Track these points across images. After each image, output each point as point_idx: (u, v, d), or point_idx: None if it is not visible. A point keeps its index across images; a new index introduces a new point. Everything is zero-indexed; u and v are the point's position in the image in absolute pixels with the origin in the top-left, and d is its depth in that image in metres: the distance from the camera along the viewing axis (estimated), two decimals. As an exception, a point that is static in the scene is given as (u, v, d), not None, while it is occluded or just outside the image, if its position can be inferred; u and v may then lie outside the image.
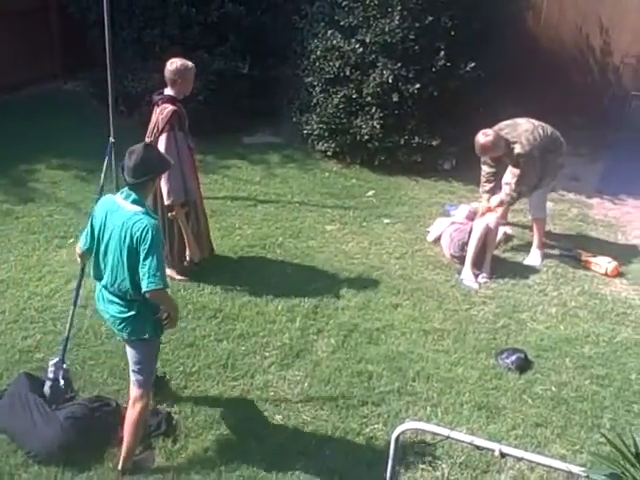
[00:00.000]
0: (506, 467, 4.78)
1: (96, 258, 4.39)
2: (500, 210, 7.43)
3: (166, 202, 5.92)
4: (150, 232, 4.13)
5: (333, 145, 8.59)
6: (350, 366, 5.58)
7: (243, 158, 8.53)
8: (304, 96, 8.76)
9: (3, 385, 5.18)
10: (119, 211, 4.25)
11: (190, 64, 5.97)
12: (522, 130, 6.67)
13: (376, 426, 5.07)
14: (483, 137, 6.66)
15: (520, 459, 4.09)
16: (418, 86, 8.09)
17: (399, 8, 7.92)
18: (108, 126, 7.48)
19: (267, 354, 5.67)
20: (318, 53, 8.47)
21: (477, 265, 6.78)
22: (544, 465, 3.70)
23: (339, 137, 8.56)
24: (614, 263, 6.88)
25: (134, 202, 4.24)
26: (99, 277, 4.42)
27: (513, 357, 5.68)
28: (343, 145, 8.57)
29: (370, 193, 8.07)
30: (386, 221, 7.58)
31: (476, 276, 6.71)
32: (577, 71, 9.71)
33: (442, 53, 8.03)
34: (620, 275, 6.86)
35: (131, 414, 4.51)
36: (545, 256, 7.06)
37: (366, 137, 8.29)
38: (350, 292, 6.41)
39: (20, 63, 9.54)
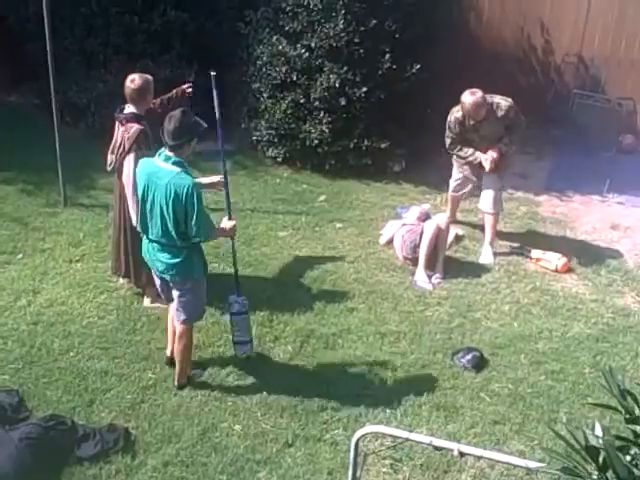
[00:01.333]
0: (467, 466, 4.84)
1: (143, 215, 4.98)
2: (449, 211, 7.52)
3: (134, 223, 5.72)
4: (193, 189, 4.73)
5: (283, 151, 8.57)
6: (308, 372, 5.59)
7: (194, 166, 8.32)
8: (252, 102, 8.73)
9: (-47, 407, 5.05)
10: (161, 172, 4.81)
11: (149, 78, 5.83)
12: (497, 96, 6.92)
13: (336, 431, 5.09)
14: (474, 94, 6.79)
15: (479, 457, 4.15)
16: (365, 89, 8.12)
17: (343, 12, 7.95)
18: (53, 138, 7.40)
19: (224, 363, 5.63)
20: (264, 59, 8.45)
21: (430, 266, 6.84)
22: (503, 462, 3.76)
23: (289, 143, 8.55)
24: (564, 259, 7.00)
25: (174, 163, 4.81)
26: (146, 231, 5.02)
27: (469, 356, 5.75)
28: (293, 151, 8.57)
29: (322, 198, 8.07)
30: (338, 225, 7.59)
31: (429, 277, 6.77)
32: (520, 70, 9.84)
33: (387, 56, 8.08)
34: (570, 271, 6.98)
35: (178, 347, 5.28)
36: (496, 255, 7.14)
37: (315, 142, 8.30)
38: (305, 298, 6.41)
39: (-41, 76, 9.32)
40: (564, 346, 6.00)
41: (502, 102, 6.90)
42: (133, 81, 5.73)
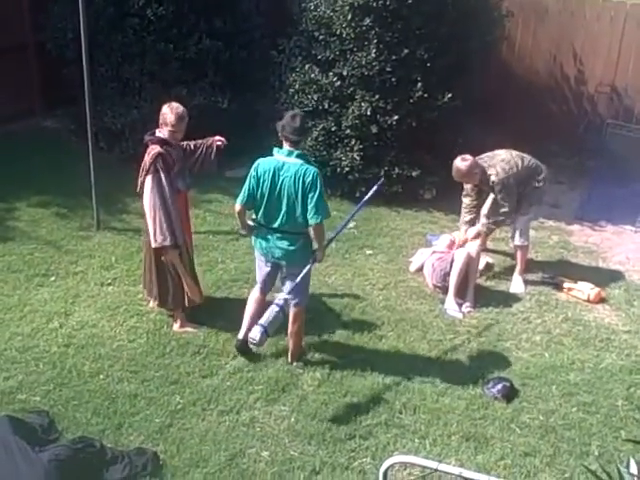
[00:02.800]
0: (496, 498, 4.75)
1: (267, 207, 5.50)
2: (480, 239, 7.47)
3: (152, 245, 5.86)
4: (317, 177, 5.39)
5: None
6: (336, 399, 5.56)
7: (225, 192, 8.51)
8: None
9: (-16, 428, 5.10)
10: (286, 165, 5.40)
11: (184, 110, 5.89)
12: (499, 160, 6.78)
13: (364, 460, 5.04)
14: (460, 162, 6.78)
15: (510, 490, 4.09)
16: (396, 118, 8.16)
17: (375, 41, 8.01)
18: (88, 162, 7.51)
19: (253, 389, 5.63)
20: (296, 87, 8.54)
21: (460, 294, 6.80)
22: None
23: (319, 170, 8.55)
24: (596, 289, 6.92)
25: (298, 156, 5.44)
26: (270, 221, 5.52)
27: (499, 386, 5.68)
28: (324, 178, 8.54)
29: (352, 225, 8.07)
30: (368, 252, 7.59)
31: (460, 305, 6.73)
32: (553, 100, 9.82)
33: (419, 85, 8.11)
34: (602, 301, 6.91)
35: (293, 328, 5.81)
36: (528, 284, 7.10)
37: (346, 169, 8.33)
38: (334, 324, 6.40)
39: (-2, 101, 9.53)
40: (596, 378, 5.91)
41: (492, 177, 6.77)
42: (172, 110, 5.82)
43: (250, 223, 5.74)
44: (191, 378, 5.70)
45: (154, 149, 5.80)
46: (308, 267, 5.67)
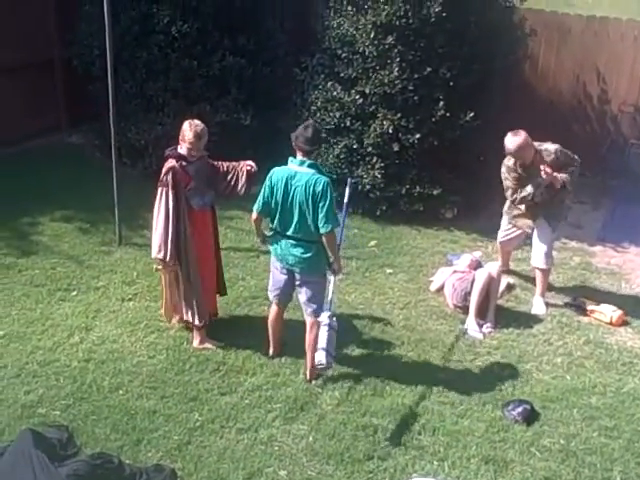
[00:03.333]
0: (515, 523, 4.71)
1: (281, 215, 5.60)
2: (500, 260, 7.46)
3: (152, 255, 5.94)
4: (328, 187, 5.46)
5: (335, 195, 8.58)
6: (355, 419, 5.53)
7: (245, 209, 8.45)
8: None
9: (5, 441, 5.12)
10: (298, 174, 5.50)
11: (203, 133, 5.92)
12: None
13: (382, 481, 5.01)
14: (513, 135, 6.70)
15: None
16: (418, 136, 8.16)
17: (398, 60, 8.03)
18: (111, 178, 7.57)
19: (271, 407, 5.62)
20: (319, 104, 8.57)
21: (481, 315, 6.76)
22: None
23: (341, 187, 8.57)
24: (619, 312, 6.86)
25: (309, 166, 5.52)
26: (285, 229, 5.61)
27: (520, 409, 5.63)
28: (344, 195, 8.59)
29: (372, 243, 8.08)
30: (389, 271, 7.58)
31: (480, 326, 6.69)
32: (575, 119, 9.78)
33: (441, 103, 8.11)
34: (625, 324, 6.84)
35: (310, 337, 5.79)
36: (549, 305, 7.04)
37: (368, 187, 8.34)
38: (354, 343, 6.38)
39: (25, 116, 9.62)
40: (618, 402, 5.84)
41: (549, 146, 6.81)
42: (191, 126, 5.86)
43: (266, 233, 5.84)
44: (210, 395, 5.70)
45: (169, 163, 5.85)
46: (331, 279, 5.87)
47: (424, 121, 8.18)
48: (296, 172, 5.53)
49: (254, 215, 5.78)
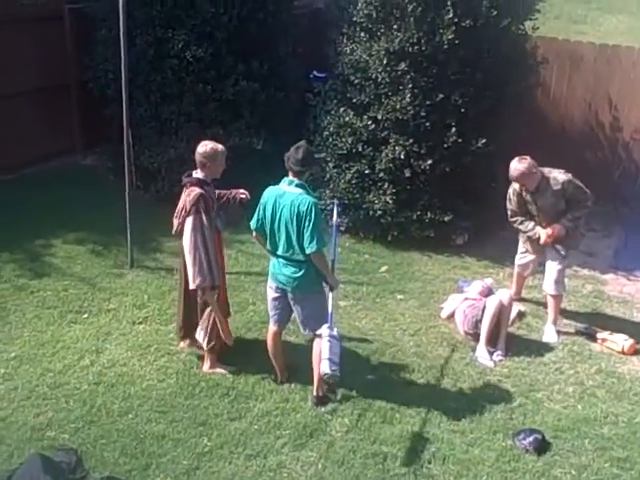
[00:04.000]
0: None
1: (272, 234, 5.68)
2: (514, 287, 7.44)
3: (191, 286, 5.86)
4: (313, 207, 5.47)
5: (346, 220, 8.64)
6: (364, 447, 5.51)
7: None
8: (317, 171, 8.86)
9: (14, 464, 5.13)
10: (286, 194, 5.57)
11: (220, 148, 5.96)
12: (556, 170, 6.81)
13: (392, 510, 4.98)
14: (519, 162, 6.71)
15: None
16: (430, 162, 8.18)
17: (410, 86, 8.07)
18: (124, 200, 7.62)
19: (280, 433, 5.60)
20: (331, 129, 8.62)
21: (492, 342, 6.73)
22: None
23: (352, 212, 8.62)
24: (631, 341, 6.81)
25: (297, 186, 5.58)
26: (275, 248, 5.70)
27: (530, 438, 5.59)
28: (356, 220, 8.63)
29: (383, 269, 8.08)
30: (400, 297, 7.57)
31: (491, 354, 6.66)
32: (587, 146, 9.78)
33: (453, 130, 8.14)
34: (637, 353, 6.78)
35: (313, 353, 5.83)
36: (560, 333, 7.00)
37: (379, 212, 8.35)
38: (364, 369, 6.36)
39: (40, 138, 9.72)
40: (631, 432, 5.78)
41: (559, 176, 6.78)
42: (202, 146, 5.89)
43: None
44: (219, 420, 5.69)
45: (194, 190, 5.82)
46: (329, 295, 5.80)
47: (436, 147, 8.20)
48: (284, 192, 5.60)
49: (253, 232, 5.87)
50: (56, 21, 9.73)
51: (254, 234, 5.88)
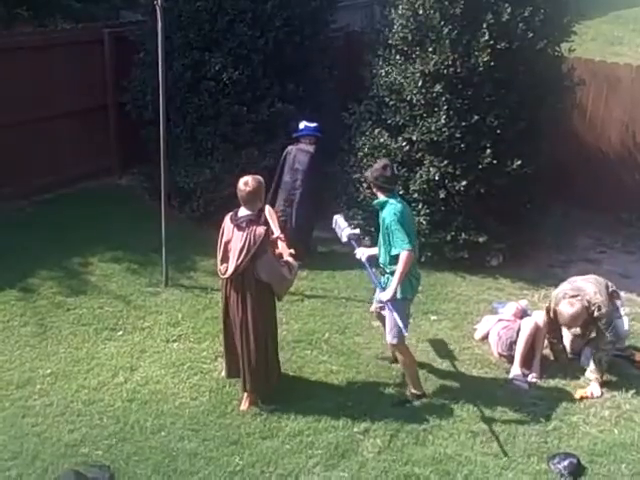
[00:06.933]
0: None
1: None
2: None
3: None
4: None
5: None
6: (396, 468, 5.47)
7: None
8: (351, 192, 8.89)
9: (48, 480, 5.19)
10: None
11: (261, 181, 5.80)
12: (592, 292, 6.45)
13: (423, 533, 4.92)
14: (569, 307, 6.40)
15: None
16: (465, 183, 8.15)
17: (445, 108, 8.07)
18: (159, 220, 7.71)
19: (312, 453, 5.58)
20: (365, 150, 8.64)
21: (526, 364, 6.66)
22: None
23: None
24: (669, 364, 6.70)
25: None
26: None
27: (566, 462, 5.51)
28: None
29: (419, 289, 8.03)
30: (433, 318, 7.53)
31: (525, 376, 6.58)
32: (624, 168, 9.68)
33: (488, 151, 8.10)
34: (675, 377, 6.67)
35: (400, 360, 6.28)
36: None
37: (413, 233, 8.32)
38: (396, 391, 6.33)
39: (78, 158, 9.91)
40: (668, 458, 5.68)
41: (603, 311, 6.38)
42: (247, 184, 5.70)
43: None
44: (251, 439, 5.69)
45: (257, 229, 5.66)
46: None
47: (471, 168, 8.18)
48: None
49: (408, 253, 5.91)
50: (96, 44, 9.93)
51: (410, 254, 5.85)
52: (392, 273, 5.91)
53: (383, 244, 5.99)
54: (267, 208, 6.35)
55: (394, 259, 5.86)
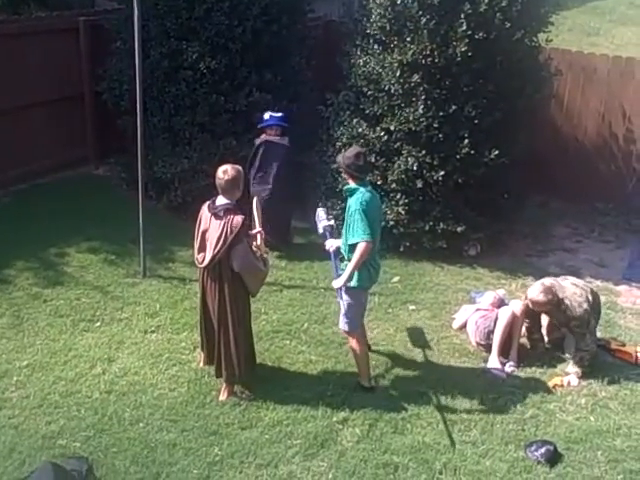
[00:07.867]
0: None
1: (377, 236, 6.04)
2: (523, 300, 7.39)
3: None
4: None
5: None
6: (375, 457, 5.49)
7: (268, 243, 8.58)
8: (330, 182, 8.88)
9: (25, 472, 5.15)
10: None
11: (240, 170, 5.73)
12: (571, 292, 6.50)
13: (402, 521, 4.95)
14: (540, 293, 6.45)
15: None
16: (442, 173, 8.17)
17: (423, 97, 8.07)
18: (137, 210, 7.66)
19: (291, 443, 5.59)
20: (344, 140, 8.63)
21: (504, 353, 6.71)
22: None
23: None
24: (644, 352, 6.77)
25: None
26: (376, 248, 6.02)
27: (543, 449, 5.56)
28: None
29: (395, 279, 8.07)
30: (411, 307, 7.56)
31: (503, 365, 6.63)
32: (601, 158, 9.77)
33: (466, 141, 8.13)
34: (650, 364, 6.75)
35: (351, 348, 6.22)
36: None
37: (391, 223, 8.34)
38: (375, 380, 6.34)
39: (54, 148, 9.81)
40: (644, 445, 5.75)
41: (578, 310, 6.44)
42: (226, 172, 5.63)
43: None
44: (230, 429, 5.69)
45: (234, 218, 5.59)
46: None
47: (448, 158, 8.20)
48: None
49: (366, 244, 5.86)
50: (71, 33, 9.82)
51: (368, 245, 5.77)
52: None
53: (346, 232, 5.98)
54: (254, 200, 6.31)
55: (352, 248, 5.84)
